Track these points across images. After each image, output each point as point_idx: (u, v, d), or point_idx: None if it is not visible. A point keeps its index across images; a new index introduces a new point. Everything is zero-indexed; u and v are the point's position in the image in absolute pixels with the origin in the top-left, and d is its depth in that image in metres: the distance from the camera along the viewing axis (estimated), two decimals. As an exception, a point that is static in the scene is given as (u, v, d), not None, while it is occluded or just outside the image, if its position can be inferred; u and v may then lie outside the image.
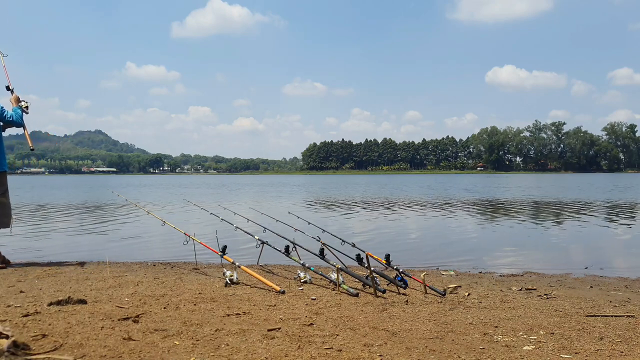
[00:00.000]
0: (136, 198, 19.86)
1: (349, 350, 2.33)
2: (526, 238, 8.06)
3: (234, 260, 4.08)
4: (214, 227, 7.83)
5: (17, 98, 5.21)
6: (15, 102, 5.19)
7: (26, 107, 5.24)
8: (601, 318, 3.06)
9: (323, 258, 4.26)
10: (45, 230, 9.03)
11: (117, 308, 3.06)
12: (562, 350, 2.38)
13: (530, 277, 4.90)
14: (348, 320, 2.87)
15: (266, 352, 2.28)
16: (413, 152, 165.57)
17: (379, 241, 7.53)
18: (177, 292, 3.61)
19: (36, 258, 5.66)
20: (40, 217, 11.93)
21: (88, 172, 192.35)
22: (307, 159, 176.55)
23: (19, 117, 5.08)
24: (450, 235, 8.50)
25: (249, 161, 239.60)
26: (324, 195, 22.06)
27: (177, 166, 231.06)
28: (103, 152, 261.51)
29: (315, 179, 71.59)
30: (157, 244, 7.29)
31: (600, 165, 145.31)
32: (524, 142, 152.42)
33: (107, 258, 5.51)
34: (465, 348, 2.41)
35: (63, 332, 2.51)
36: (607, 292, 4.14)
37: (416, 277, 4.06)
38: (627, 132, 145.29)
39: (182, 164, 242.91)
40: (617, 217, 11.40)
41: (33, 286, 3.80)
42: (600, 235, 8.39)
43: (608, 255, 6.64)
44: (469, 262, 5.72)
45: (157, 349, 2.29)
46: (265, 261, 5.27)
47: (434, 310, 3.21)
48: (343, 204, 16.32)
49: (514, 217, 11.50)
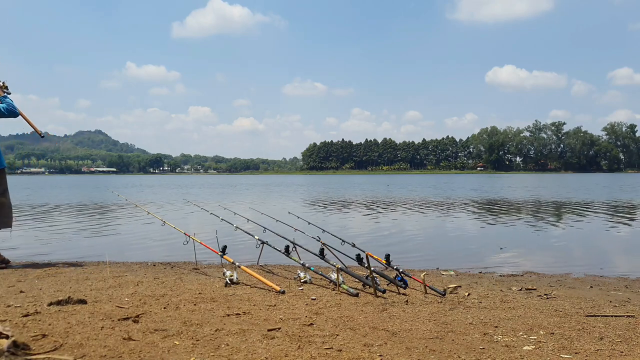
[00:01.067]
0: (136, 198, 19.86)
1: (349, 350, 2.33)
2: (526, 238, 8.06)
3: (234, 260, 4.08)
4: (214, 227, 7.83)
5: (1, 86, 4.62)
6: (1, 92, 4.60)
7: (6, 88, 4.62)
8: (601, 318, 3.06)
9: (323, 258, 4.26)
10: (46, 230, 9.02)
11: (117, 308, 3.06)
12: (562, 350, 2.38)
13: (530, 277, 4.90)
14: (348, 320, 2.87)
15: (266, 352, 2.28)
16: (413, 152, 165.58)
17: (379, 241, 7.53)
18: (177, 292, 3.61)
19: (36, 258, 5.66)
20: (40, 217, 11.93)
21: (88, 172, 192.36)
22: (307, 159, 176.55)
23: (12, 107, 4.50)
24: (451, 235, 8.50)
25: (249, 161, 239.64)
26: (324, 195, 22.06)
27: (177, 166, 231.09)
28: (103, 152, 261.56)
29: (315, 179, 71.59)
30: (157, 244, 7.29)
31: (600, 165, 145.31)
32: (524, 142, 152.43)
33: (107, 258, 5.51)
34: (465, 348, 2.41)
35: (63, 332, 2.51)
36: (607, 292, 4.14)
37: (416, 277, 4.06)
38: (627, 132, 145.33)
39: (182, 164, 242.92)
40: (617, 217, 11.40)
41: (33, 286, 3.80)
42: (600, 235, 8.39)
43: (608, 255, 6.64)
44: (469, 262, 5.72)
45: (157, 349, 2.29)
46: (265, 261, 5.27)
47: (434, 310, 3.21)
48: (343, 204, 16.32)
49: (514, 217, 11.50)
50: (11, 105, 4.55)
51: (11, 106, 4.54)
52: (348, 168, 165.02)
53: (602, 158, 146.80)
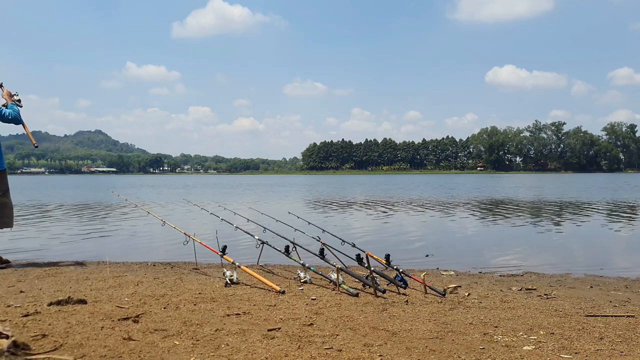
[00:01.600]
0: (136, 198, 19.85)
1: (349, 350, 2.33)
2: (526, 238, 8.06)
3: (234, 260, 4.08)
4: (214, 227, 7.84)
5: (10, 93, 5.09)
6: (9, 97, 5.07)
7: (19, 101, 5.11)
8: (601, 318, 3.06)
9: (323, 258, 4.26)
10: (46, 230, 9.03)
11: (117, 308, 3.06)
12: (562, 350, 2.39)
13: (530, 277, 4.90)
14: (348, 320, 2.87)
15: (266, 352, 2.28)
16: (413, 152, 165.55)
17: (379, 241, 7.53)
18: (177, 292, 3.61)
19: (36, 258, 5.66)
20: (41, 217, 11.93)
21: (88, 172, 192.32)
22: (307, 159, 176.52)
23: (17, 114, 4.97)
24: (451, 235, 8.50)
25: (249, 161, 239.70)
26: (324, 195, 22.06)
27: (177, 166, 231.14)
28: (103, 152, 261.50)
29: (315, 179, 71.58)
30: (157, 244, 7.29)
31: (600, 165, 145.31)
32: (524, 142, 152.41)
33: (107, 258, 5.51)
34: (465, 348, 2.41)
35: (63, 332, 2.51)
36: (607, 292, 4.14)
37: (416, 277, 4.06)
38: (627, 132, 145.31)
39: (182, 164, 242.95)
40: (617, 217, 11.40)
41: (33, 286, 3.80)
42: (600, 235, 8.39)
43: (608, 255, 6.64)
44: (469, 262, 5.72)
45: (157, 349, 2.29)
46: (265, 261, 5.27)
47: (434, 310, 3.21)
48: (343, 204, 16.32)
49: (514, 216, 11.50)
50: (17, 113, 5.00)
51: (17, 113, 5.00)
52: (348, 168, 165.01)
53: (602, 158, 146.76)
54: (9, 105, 5.01)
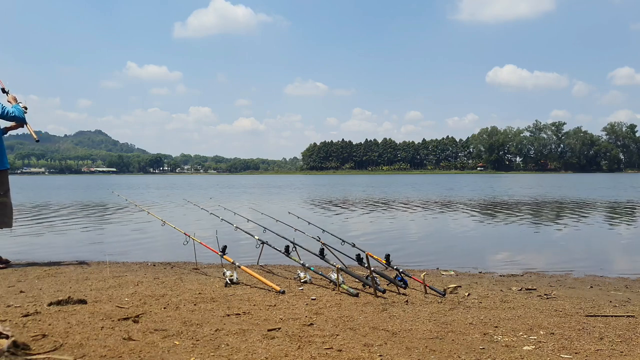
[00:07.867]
0: (136, 198, 19.84)
1: (349, 350, 2.33)
2: (526, 238, 8.06)
3: (234, 260, 4.08)
4: (214, 227, 7.83)
5: (15, 98, 5.18)
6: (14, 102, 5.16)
7: (24, 108, 5.21)
8: (601, 318, 3.06)
9: (323, 258, 4.26)
10: (45, 230, 9.02)
11: (117, 308, 3.06)
12: (562, 350, 2.38)
13: (530, 277, 4.90)
14: (348, 320, 2.87)
15: (266, 352, 2.28)
16: (413, 152, 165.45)
17: (379, 241, 7.53)
18: (177, 292, 3.61)
19: (36, 258, 5.66)
20: (41, 217, 11.92)
21: (88, 172, 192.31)
22: (307, 159, 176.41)
23: (20, 113, 5.05)
24: (451, 235, 8.50)
25: (249, 161, 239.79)
26: (324, 195, 22.05)
27: (177, 166, 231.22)
28: (103, 152, 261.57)
29: (315, 179, 71.55)
30: (157, 244, 7.29)
31: (600, 165, 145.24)
32: (524, 142, 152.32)
33: (107, 258, 5.51)
34: (465, 348, 2.41)
35: (63, 332, 2.51)
36: (607, 292, 4.14)
37: (416, 277, 4.06)
38: (627, 132, 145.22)
39: (182, 164, 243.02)
40: (617, 217, 11.40)
41: (33, 286, 3.80)
42: (600, 235, 8.39)
43: (608, 255, 6.64)
44: (469, 262, 5.72)
45: (157, 349, 2.29)
46: (265, 261, 5.27)
47: (434, 310, 3.21)
48: (343, 204, 16.31)
49: (514, 216, 11.50)
50: (21, 112, 5.10)
51: (21, 113, 5.10)
52: (348, 168, 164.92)
53: (602, 158, 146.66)
54: (13, 105, 5.09)
